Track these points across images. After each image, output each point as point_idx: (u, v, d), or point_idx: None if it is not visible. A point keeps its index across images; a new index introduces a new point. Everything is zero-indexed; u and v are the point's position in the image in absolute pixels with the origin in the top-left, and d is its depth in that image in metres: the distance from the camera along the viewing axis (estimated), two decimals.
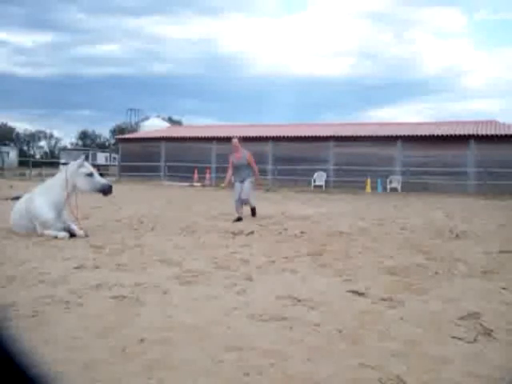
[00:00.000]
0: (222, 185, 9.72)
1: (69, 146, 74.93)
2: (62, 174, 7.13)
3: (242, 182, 9.40)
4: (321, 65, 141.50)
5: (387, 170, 24.90)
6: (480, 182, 22.57)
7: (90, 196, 8.22)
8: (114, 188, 7.60)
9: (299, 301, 3.71)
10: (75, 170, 6.98)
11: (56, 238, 6.61)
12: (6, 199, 11.90)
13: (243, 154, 9.54)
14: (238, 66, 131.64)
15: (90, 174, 7.00)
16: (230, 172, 9.64)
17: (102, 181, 7.21)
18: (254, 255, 5.67)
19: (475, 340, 2.91)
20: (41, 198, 6.90)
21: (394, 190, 24.02)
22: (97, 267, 4.89)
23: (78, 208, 7.12)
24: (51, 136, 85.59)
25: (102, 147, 72.91)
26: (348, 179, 24.87)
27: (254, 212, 9.81)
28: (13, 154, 55.62)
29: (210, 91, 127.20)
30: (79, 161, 7.10)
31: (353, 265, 5.17)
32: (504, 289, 4.16)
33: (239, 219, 9.07)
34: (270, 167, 27.03)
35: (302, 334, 2.98)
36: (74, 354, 2.62)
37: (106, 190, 7.10)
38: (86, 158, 7.58)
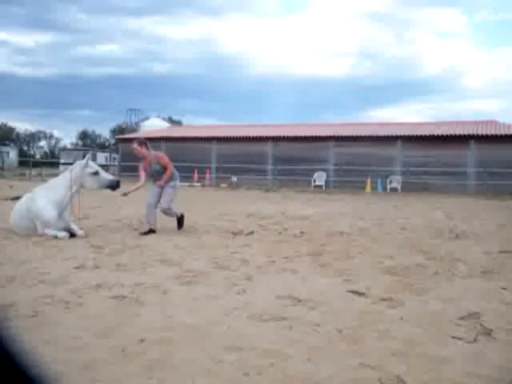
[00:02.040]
0: (124, 192, 7.61)
1: (69, 146, 75.02)
2: (66, 174, 7.14)
3: (160, 187, 7.58)
4: (321, 65, 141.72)
5: (387, 170, 24.90)
6: (480, 181, 22.57)
7: (91, 196, 8.23)
8: None
9: (299, 301, 3.71)
10: (81, 171, 7.00)
11: (56, 237, 6.61)
12: (6, 199, 11.90)
13: (152, 159, 7.60)
14: (238, 66, 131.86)
15: (96, 173, 7.06)
16: (140, 182, 7.73)
17: (109, 177, 7.30)
18: (254, 255, 5.67)
19: (475, 340, 2.91)
20: (43, 197, 6.91)
21: (393, 190, 24.02)
22: (97, 267, 4.89)
23: (79, 209, 7.14)
24: (51, 136, 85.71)
25: (102, 147, 72.96)
26: (348, 179, 24.88)
27: (180, 222, 7.78)
28: (13, 154, 55.61)
29: (210, 91, 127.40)
30: (84, 161, 7.13)
31: (353, 265, 5.17)
32: (504, 289, 4.16)
33: (150, 232, 7.27)
34: (269, 167, 27.05)
35: (302, 334, 2.98)
36: (73, 354, 2.62)
37: (113, 186, 7.20)
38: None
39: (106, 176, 7.27)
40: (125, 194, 7.67)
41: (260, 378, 2.38)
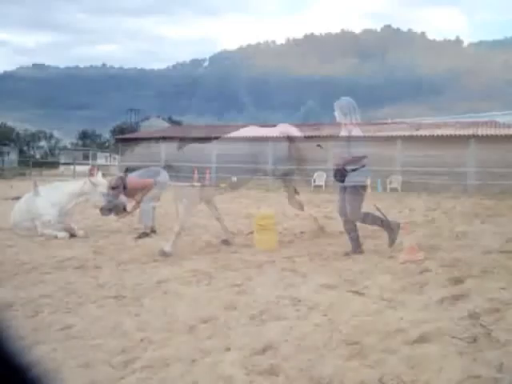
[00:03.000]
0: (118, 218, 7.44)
1: (69, 146, 75.08)
2: (78, 184, 7.27)
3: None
4: (321, 65, 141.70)
5: (387, 170, 24.89)
6: (480, 181, 22.56)
7: None
8: None
9: (299, 301, 3.71)
10: (94, 186, 7.02)
11: (56, 237, 6.61)
12: (6, 199, 11.90)
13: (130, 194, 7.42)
14: (237, 65, 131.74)
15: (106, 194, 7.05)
16: (133, 208, 7.62)
17: (116, 201, 6.97)
18: (254, 255, 5.67)
19: (475, 340, 2.90)
20: (44, 198, 6.96)
21: (393, 190, 24.02)
22: (97, 267, 4.89)
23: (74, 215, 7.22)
24: (51, 136, 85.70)
25: (102, 147, 73.00)
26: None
27: (141, 236, 7.26)
28: (13, 154, 55.62)
29: (210, 91, 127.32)
30: (100, 179, 7.16)
31: (353, 265, 5.17)
32: (503, 289, 4.16)
33: (144, 235, 7.26)
34: (269, 167, 27.05)
35: (302, 334, 2.97)
36: (73, 354, 2.62)
37: (117, 211, 7.00)
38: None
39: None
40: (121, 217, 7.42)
41: (260, 377, 2.38)
